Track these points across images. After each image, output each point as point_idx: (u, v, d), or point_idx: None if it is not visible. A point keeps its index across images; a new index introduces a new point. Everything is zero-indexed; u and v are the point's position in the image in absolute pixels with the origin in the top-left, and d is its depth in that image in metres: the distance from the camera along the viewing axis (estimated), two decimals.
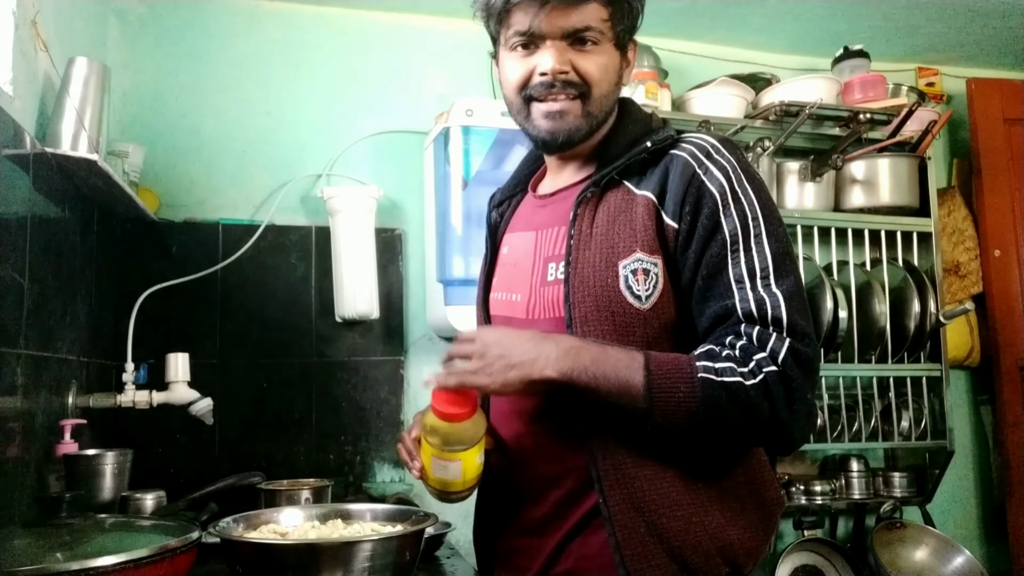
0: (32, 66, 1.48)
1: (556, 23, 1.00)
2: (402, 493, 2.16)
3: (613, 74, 1.04)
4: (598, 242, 1.00)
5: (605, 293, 0.98)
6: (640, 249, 0.98)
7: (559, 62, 1.00)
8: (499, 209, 1.24)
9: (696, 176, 0.98)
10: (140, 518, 1.37)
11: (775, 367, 0.90)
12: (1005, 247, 2.72)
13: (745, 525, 0.99)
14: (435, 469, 1.05)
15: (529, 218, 1.16)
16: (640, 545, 0.94)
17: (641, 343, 0.97)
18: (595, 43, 1.01)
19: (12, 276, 1.29)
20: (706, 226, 0.96)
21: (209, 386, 1.94)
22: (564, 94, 1.02)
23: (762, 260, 0.95)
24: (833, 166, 2.39)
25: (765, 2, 2.43)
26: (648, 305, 0.97)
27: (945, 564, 2.46)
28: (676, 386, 0.90)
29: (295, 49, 2.38)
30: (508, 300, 1.14)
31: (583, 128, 1.04)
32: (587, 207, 1.03)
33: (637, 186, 1.02)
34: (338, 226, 2.20)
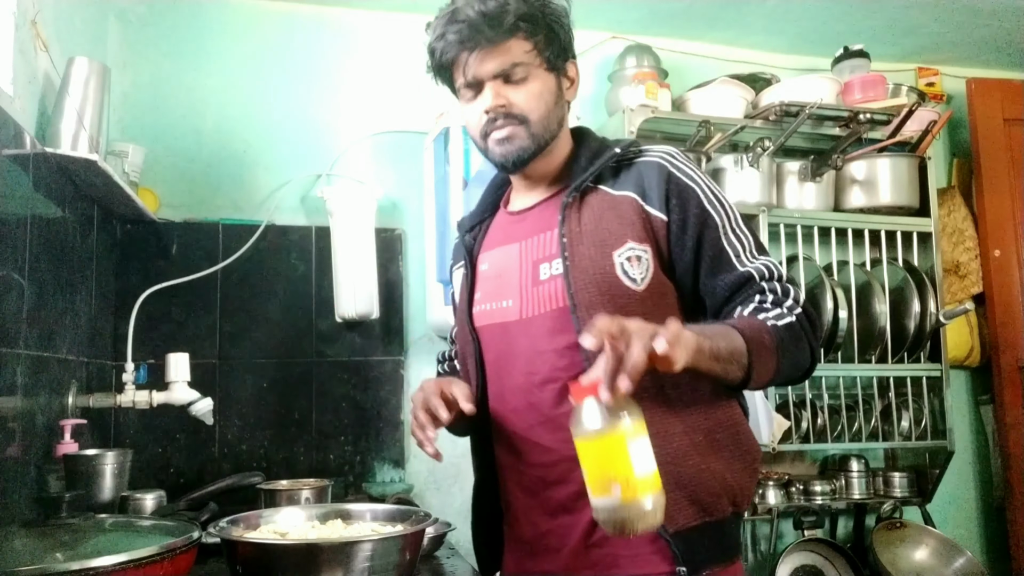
0: (32, 66, 1.49)
1: (485, 68, 1.13)
2: (402, 493, 2.16)
3: (549, 96, 1.16)
4: (590, 237, 1.13)
5: (605, 279, 1.10)
6: (631, 239, 1.12)
7: (496, 99, 1.14)
8: (471, 233, 1.33)
9: (672, 175, 1.14)
10: (140, 518, 1.37)
11: (800, 309, 1.09)
12: (1005, 247, 2.72)
13: (737, 470, 1.13)
14: (638, 464, 0.84)
15: (507, 233, 1.26)
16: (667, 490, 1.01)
17: (639, 318, 1.03)
18: (524, 75, 1.14)
19: (12, 276, 1.29)
20: (697, 215, 1.12)
21: (209, 386, 1.94)
22: (507, 123, 1.15)
23: (746, 238, 1.14)
24: (833, 166, 2.39)
25: (765, 2, 2.43)
26: (643, 286, 1.11)
27: (945, 564, 2.46)
28: (763, 337, 1.04)
29: (295, 49, 2.38)
30: (497, 308, 1.22)
31: (530, 147, 1.16)
32: (572, 210, 1.15)
33: (614, 188, 1.16)
34: (338, 226, 2.20)
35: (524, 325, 1.17)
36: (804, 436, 2.37)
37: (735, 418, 1.16)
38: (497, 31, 1.11)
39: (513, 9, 1.11)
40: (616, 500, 0.83)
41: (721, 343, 1.00)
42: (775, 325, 1.06)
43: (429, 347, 2.38)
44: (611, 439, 0.83)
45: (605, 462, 0.84)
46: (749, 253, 1.13)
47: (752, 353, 1.02)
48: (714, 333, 1.01)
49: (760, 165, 2.34)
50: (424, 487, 2.32)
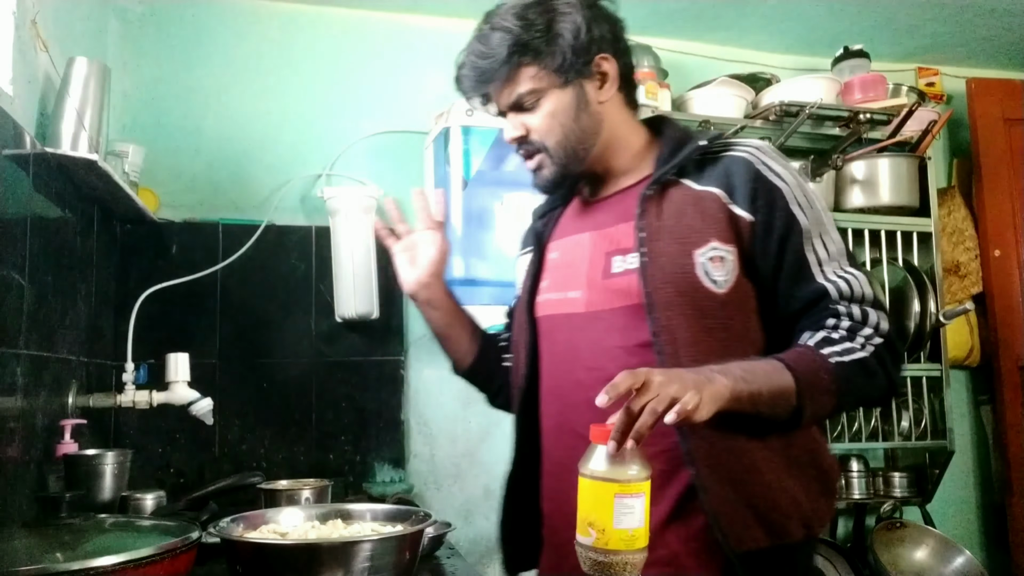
0: (32, 66, 1.49)
1: (500, 101, 1.15)
2: (402, 493, 2.16)
3: (566, 113, 1.13)
4: (670, 233, 1.07)
5: (684, 279, 1.05)
6: (715, 238, 1.05)
7: (509, 132, 1.16)
8: (543, 219, 1.31)
9: (760, 173, 1.07)
10: (140, 518, 1.37)
11: (880, 338, 1.03)
12: (1005, 247, 2.72)
13: (812, 490, 1.07)
14: (619, 518, 0.85)
15: (580, 222, 1.22)
16: (733, 511, 1.02)
17: (719, 324, 1.05)
18: (535, 100, 1.12)
19: (12, 276, 1.29)
20: (783, 217, 1.06)
21: (209, 386, 1.94)
22: (530, 151, 1.16)
23: (834, 247, 1.07)
24: (833, 166, 2.38)
25: (765, 2, 2.43)
26: (725, 289, 1.05)
27: (945, 564, 2.46)
28: (819, 377, 0.98)
29: (295, 49, 2.38)
30: (563, 298, 1.19)
31: (557, 172, 1.15)
32: (651, 203, 1.10)
33: (697, 183, 1.10)
34: (338, 226, 2.20)
35: (590, 319, 1.13)
36: None
37: (812, 435, 1.11)
38: (497, 70, 1.11)
39: (508, 43, 1.09)
40: (589, 543, 0.84)
41: (763, 387, 0.95)
42: (839, 363, 0.99)
43: (429, 347, 2.36)
44: (602, 486, 0.84)
45: (591, 504, 0.85)
46: (835, 263, 1.06)
47: (803, 395, 0.97)
48: (759, 375, 0.96)
49: None
50: (424, 487, 2.32)
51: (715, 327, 1.05)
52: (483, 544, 2.33)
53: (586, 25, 1.11)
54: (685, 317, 1.04)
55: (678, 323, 1.04)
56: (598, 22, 1.12)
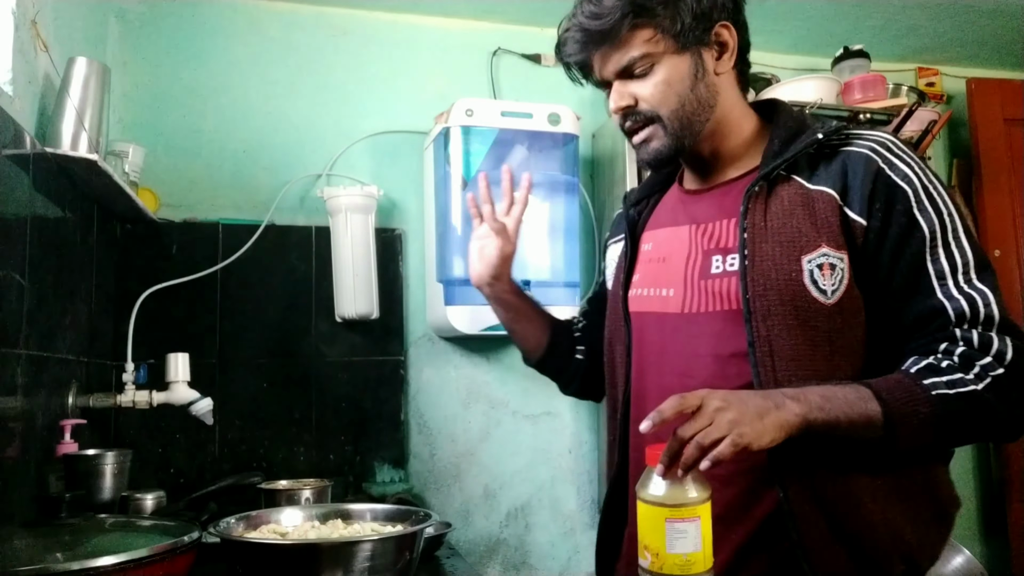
0: (32, 66, 1.48)
1: (608, 68, 1.05)
2: (402, 493, 2.16)
3: (682, 82, 1.04)
4: (776, 235, 0.98)
5: (789, 287, 0.96)
6: (826, 244, 0.96)
7: (617, 101, 1.06)
8: (637, 207, 1.22)
9: (882, 172, 0.97)
10: (140, 518, 1.37)
11: (1002, 369, 0.91)
12: (1005, 247, 2.72)
13: (922, 523, 0.98)
14: (672, 543, 0.82)
15: (677, 213, 1.13)
16: (820, 540, 0.93)
17: (824, 337, 0.96)
18: (648, 67, 1.03)
19: (12, 276, 1.29)
20: (901, 223, 0.95)
21: (209, 386, 1.94)
22: (638, 124, 1.06)
23: (963, 255, 0.95)
24: None
25: (765, 2, 2.43)
26: (833, 299, 0.96)
27: (945, 563, 2.46)
28: (916, 409, 0.89)
29: (295, 49, 2.38)
30: (656, 296, 1.10)
31: (670, 146, 1.06)
32: (757, 200, 1.01)
33: (810, 180, 1.00)
34: (338, 226, 2.20)
35: (685, 321, 1.05)
36: None
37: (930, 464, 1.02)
38: (608, 30, 1.01)
39: (623, 4, 1.00)
40: (646, 565, 0.83)
41: (842, 415, 0.88)
42: (942, 395, 0.89)
43: (429, 347, 2.38)
44: (654, 510, 0.82)
45: (647, 527, 0.83)
46: (962, 275, 0.94)
47: (896, 425, 0.88)
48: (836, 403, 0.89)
49: None
50: (424, 487, 2.32)
51: (820, 341, 0.96)
52: (483, 544, 2.33)
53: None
54: (787, 327, 0.96)
55: (778, 334, 0.96)
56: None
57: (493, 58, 2.48)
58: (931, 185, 0.97)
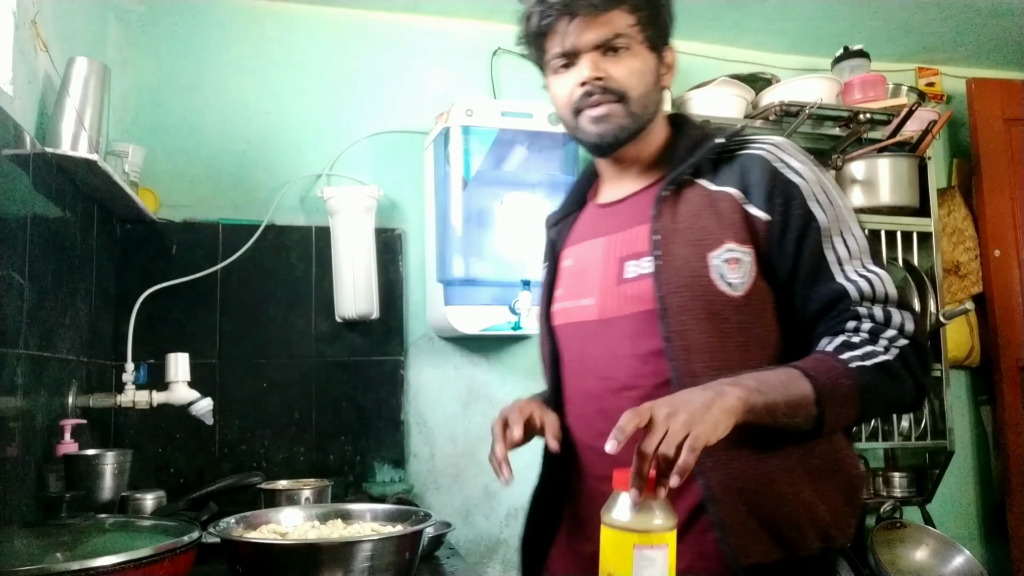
0: (32, 66, 1.49)
1: (586, 37, 1.06)
2: (402, 493, 2.16)
3: (649, 76, 1.09)
4: (685, 236, 1.04)
5: (699, 283, 1.01)
6: (731, 240, 1.02)
7: (594, 70, 1.07)
8: (556, 227, 1.27)
9: (778, 171, 1.04)
10: (140, 518, 1.37)
11: (906, 339, 0.98)
12: (1005, 247, 2.72)
13: (833, 500, 1.03)
14: (640, 571, 0.80)
15: (594, 227, 1.19)
16: (741, 524, 0.98)
17: (735, 328, 1.02)
18: (626, 48, 1.07)
19: (12, 276, 1.29)
20: (800, 216, 1.02)
21: (209, 386, 1.94)
22: (604, 99, 1.08)
23: (856, 243, 1.03)
24: (833, 166, 2.39)
25: (765, 2, 2.43)
26: (741, 292, 1.01)
27: (945, 564, 2.46)
28: (840, 383, 0.93)
29: (295, 49, 2.38)
30: (576, 306, 1.15)
31: (629, 127, 1.09)
32: (667, 204, 1.07)
33: (713, 183, 1.07)
34: (338, 226, 2.20)
35: (603, 326, 1.10)
36: None
37: (836, 442, 1.06)
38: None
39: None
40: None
41: (779, 397, 0.92)
42: (861, 367, 0.95)
43: (429, 347, 2.38)
44: (623, 536, 0.80)
45: (611, 554, 0.81)
46: (857, 262, 1.02)
47: (823, 403, 0.92)
48: (774, 384, 0.92)
49: None
50: (424, 487, 2.32)
51: (731, 332, 1.01)
52: (483, 544, 2.33)
53: (671, 11, 1.12)
54: (699, 322, 1.01)
55: (691, 328, 1.01)
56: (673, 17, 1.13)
57: (493, 58, 2.48)
58: (822, 182, 1.04)
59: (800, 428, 0.95)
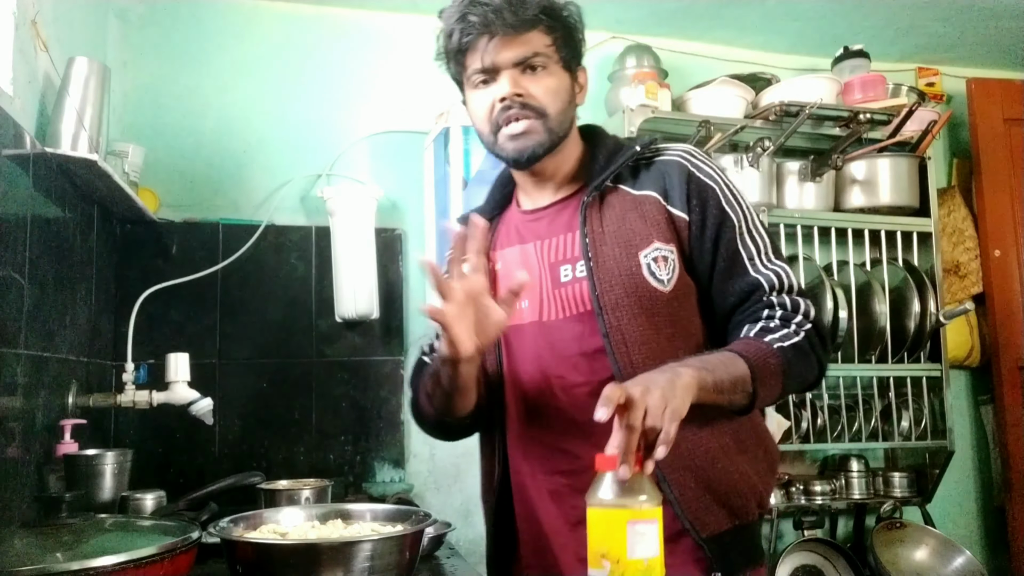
0: (32, 66, 1.49)
1: (505, 55, 1.11)
2: (402, 493, 2.16)
3: (565, 94, 1.15)
4: (613, 238, 1.11)
5: (631, 281, 1.09)
6: (657, 239, 1.10)
7: (514, 87, 1.11)
8: None
9: (693, 174, 1.13)
10: (140, 518, 1.37)
11: (809, 323, 1.08)
12: (1005, 247, 2.72)
13: (762, 471, 1.14)
14: (633, 546, 0.81)
15: (522, 232, 1.22)
16: (694, 498, 1.07)
17: (666, 321, 1.10)
18: (544, 67, 1.12)
19: (12, 276, 1.29)
20: (715, 215, 1.11)
21: (209, 386, 1.94)
22: (523, 115, 1.12)
23: (762, 241, 1.13)
24: (833, 166, 2.39)
25: (765, 2, 2.43)
26: (669, 287, 1.10)
27: (945, 564, 2.46)
28: (768, 362, 1.03)
29: (295, 49, 2.38)
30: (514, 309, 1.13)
31: (546, 143, 1.13)
32: (592, 210, 1.14)
33: (634, 188, 1.15)
34: (338, 226, 2.20)
35: (544, 329, 1.15)
36: (804, 436, 2.37)
37: (756, 418, 1.16)
38: (520, 18, 1.09)
39: (542, 3, 1.11)
40: (603, 575, 0.81)
41: (724, 375, 0.99)
42: (781, 347, 1.04)
43: None
44: (614, 514, 0.81)
45: (603, 535, 0.82)
46: (764, 256, 1.12)
47: (757, 380, 1.01)
48: (716, 365, 1.00)
49: (760, 165, 2.34)
50: (424, 487, 2.32)
51: (662, 324, 1.10)
52: (483, 544, 2.31)
53: (582, 35, 1.18)
54: (633, 316, 1.08)
55: (627, 322, 1.08)
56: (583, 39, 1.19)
57: None
58: (730, 185, 1.14)
59: (736, 404, 1.03)
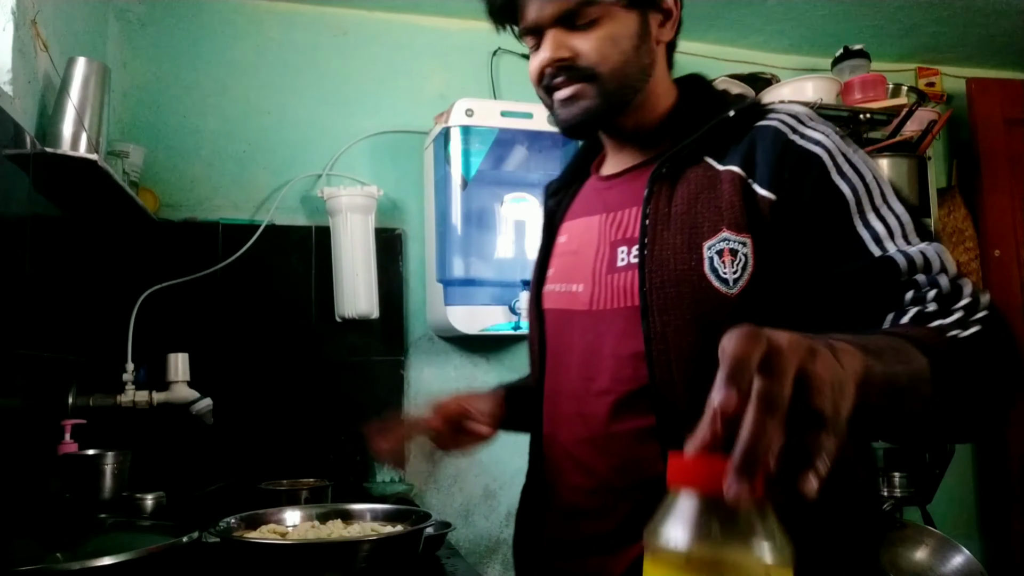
0: (32, 66, 1.48)
1: (545, 11, 0.93)
2: (402, 493, 2.16)
3: (628, 41, 0.94)
4: (678, 222, 0.89)
5: (688, 278, 0.87)
6: (727, 228, 0.86)
7: (554, 51, 0.94)
8: (556, 197, 1.14)
9: (792, 143, 0.87)
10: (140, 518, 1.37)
11: (986, 311, 0.74)
12: (1005, 247, 2.72)
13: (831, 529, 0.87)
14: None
15: (593, 202, 1.04)
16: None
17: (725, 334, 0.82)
18: (595, 17, 0.92)
19: (12, 276, 1.29)
20: (818, 191, 0.84)
21: (209, 386, 1.94)
22: (570, 80, 0.95)
23: (897, 219, 0.82)
24: None
25: (765, 2, 2.43)
26: (736, 290, 0.85)
27: (945, 564, 2.46)
28: (948, 352, 0.67)
29: (295, 49, 2.38)
30: (567, 291, 1.02)
31: (599, 107, 0.95)
32: (663, 185, 0.92)
33: (720, 161, 0.91)
34: (338, 226, 2.20)
35: (592, 319, 0.97)
36: None
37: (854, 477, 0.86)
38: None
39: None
40: None
41: (898, 367, 0.61)
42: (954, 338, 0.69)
43: (429, 347, 2.38)
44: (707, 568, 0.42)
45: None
46: (901, 238, 0.80)
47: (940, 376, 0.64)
48: (884, 348, 0.61)
49: None
50: (424, 487, 2.32)
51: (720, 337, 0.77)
52: (483, 544, 2.33)
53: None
54: (684, 323, 0.86)
55: (676, 329, 0.87)
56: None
57: (493, 58, 2.48)
58: (849, 150, 0.87)
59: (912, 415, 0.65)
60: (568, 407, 0.99)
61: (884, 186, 0.85)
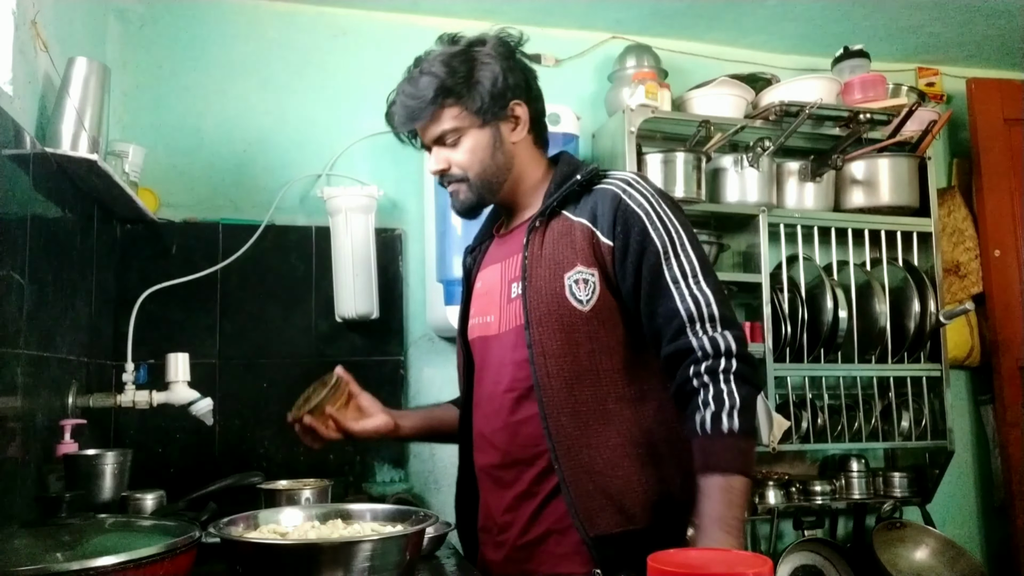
0: (32, 66, 1.49)
1: (426, 135, 1.31)
2: (402, 493, 2.16)
3: (484, 150, 1.28)
4: (547, 260, 1.24)
5: (554, 299, 1.21)
6: (580, 263, 1.22)
7: (436, 164, 1.31)
8: (472, 255, 1.48)
9: (622, 203, 1.22)
10: (140, 518, 1.37)
11: (735, 361, 1.14)
12: (1005, 247, 2.72)
13: (677, 481, 1.21)
14: None
15: (494, 254, 1.39)
16: (590, 500, 1.18)
17: (584, 337, 1.21)
18: (457, 138, 1.27)
19: (12, 276, 1.29)
20: (639, 241, 1.19)
21: (209, 386, 1.94)
22: (449, 181, 1.31)
23: (690, 264, 1.19)
24: (833, 166, 2.39)
25: (765, 2, 2.43)
26: (588, 307, 1.21)
27: (945, 564, 2.46)
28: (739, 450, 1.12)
29: (295, 49, 2.38)
30: (483, 322, 1.35)
31: (473, 199, 1.31)
32: (536, 234, 1.26)
33: (574, 214, 1.26)
34: (338, 226, 2.20)
35: (500, 339, 1.30)
36: (804, 436, 2.37)
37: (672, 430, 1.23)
38: (423, 110, 1.25)
39: (434, 87, 1.23)
40: None
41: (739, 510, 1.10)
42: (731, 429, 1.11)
43: (429, 347, 2.38)
44: None
45: None
46: (692, 279, 1.18)
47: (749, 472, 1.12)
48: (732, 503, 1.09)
49: (760, 165, 2.34)
50: (424, 487, 2.32)
51: (581, 340, 1.21)
52: None
53: (503, 74, 1.26)
54: (553, 331, 1.20)
55: (548, 337, 1.20)
56: (513, 71, 1.28)
57: None
58: (662, 210, 1.21)
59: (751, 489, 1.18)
60: (487, 407, 1.32)
61: (684, 237, 1.20)
